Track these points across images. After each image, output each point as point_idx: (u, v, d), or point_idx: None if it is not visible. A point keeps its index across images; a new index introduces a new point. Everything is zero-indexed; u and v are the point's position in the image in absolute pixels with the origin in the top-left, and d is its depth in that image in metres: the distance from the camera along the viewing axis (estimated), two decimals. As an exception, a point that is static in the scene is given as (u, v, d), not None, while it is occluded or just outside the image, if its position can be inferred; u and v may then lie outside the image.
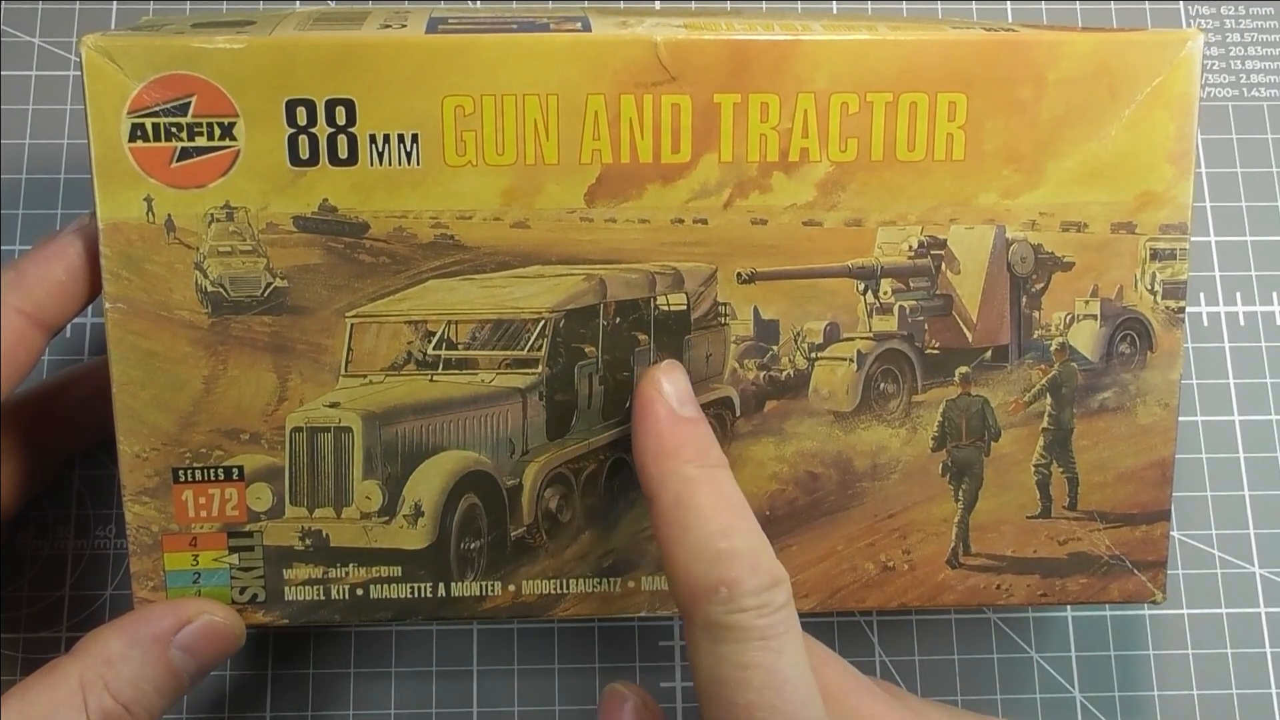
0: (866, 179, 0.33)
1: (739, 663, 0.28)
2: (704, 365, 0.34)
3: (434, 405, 0.33)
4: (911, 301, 0.34)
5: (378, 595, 0.34)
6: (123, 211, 0.32)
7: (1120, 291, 0.34)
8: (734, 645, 0.29)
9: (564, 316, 0.33)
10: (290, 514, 0.33)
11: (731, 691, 0.28)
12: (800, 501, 0.35)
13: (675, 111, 0.32)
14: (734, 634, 0.29)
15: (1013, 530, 0.35)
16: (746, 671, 0.28)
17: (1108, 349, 0.34)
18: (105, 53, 0.31)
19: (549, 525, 0.34)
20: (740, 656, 0.28)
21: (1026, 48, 0.33)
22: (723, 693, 0.29)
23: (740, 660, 0.28)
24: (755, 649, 0.28)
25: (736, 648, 0.29)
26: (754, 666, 0.28)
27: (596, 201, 0.33)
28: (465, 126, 0.32)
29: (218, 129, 0.31)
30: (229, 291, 0.32)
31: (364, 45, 0.31)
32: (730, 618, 0.29)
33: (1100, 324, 0.34)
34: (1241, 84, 0.45)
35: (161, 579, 0.33)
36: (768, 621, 0.29)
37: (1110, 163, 0.33)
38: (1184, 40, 0.33)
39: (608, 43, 0.32)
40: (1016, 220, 0.34)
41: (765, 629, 0.29)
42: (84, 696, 0.30)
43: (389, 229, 0.32)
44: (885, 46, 0.33)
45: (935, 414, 0.35)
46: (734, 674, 0.28)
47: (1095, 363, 0.35)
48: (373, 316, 0.33)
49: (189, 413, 0.33)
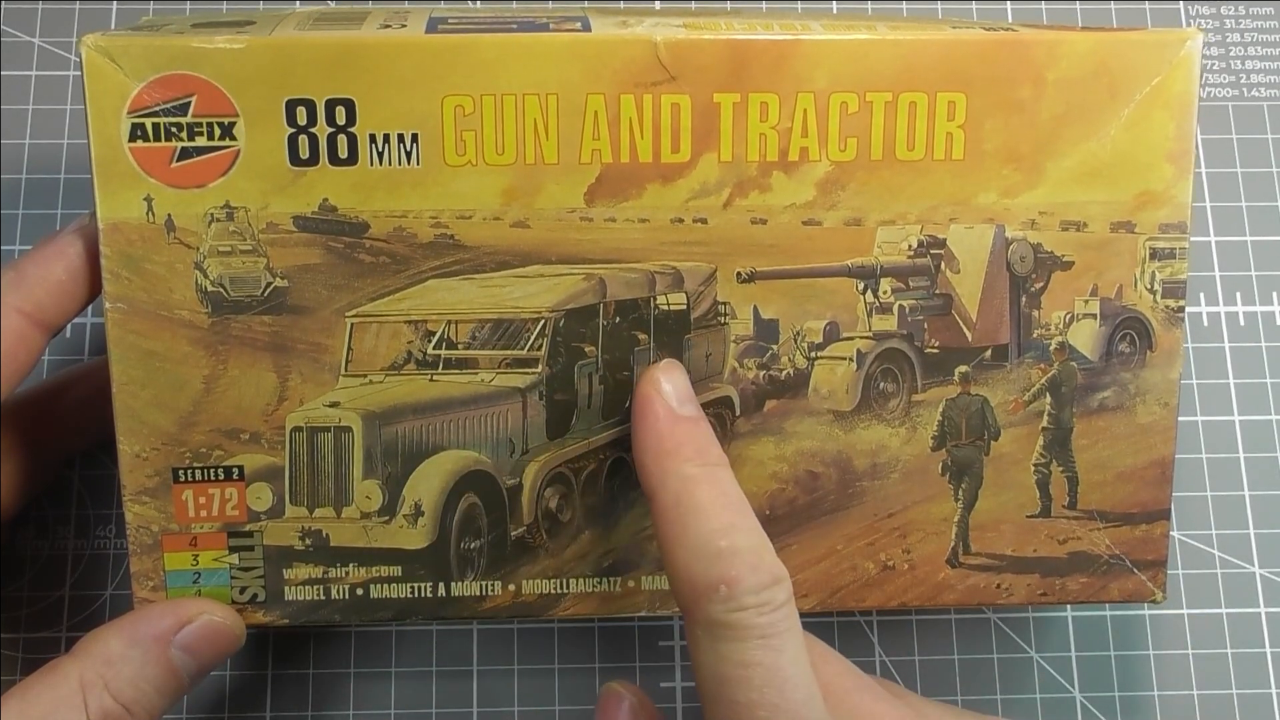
0: (866, 178, 0.33)
1: (740, 661, 0.29)
2: (704, 365, 0.34)
3: (434, 405, 0.33)
4: (911, 301, 0.34)
5: (378, 595, 0.34)
6: (123, 211, 0.32)
7: (1120, 291, 0.34)
8: (735, 644, 0.29)
9: (564, 316, 0.33)
10: (290, 514, 0.33)
11: (733, 690, 0.29)
12: (800, 501, 0.35)
13: (675, 111, 0.32)
14: (735, 632, 0.29)
15: (1012, 529, 0.35)
16: (747, 670, 0.28)
17: (1107, 348, 0.35)
18: (105, 52, 0.31)
19: (549, 525, 0.34)
20: (741, 655, 0.29)
21: (1026, 47, 0.33)
22: (724, 691, 0.29)
23: (741, 658, 0.29)
24: (756, 647, 0.29)
25: (737, 646, 0.29)
26: (755, 665, 0.28)
27: (596, 201, 0.33)
28: (465, 126, 0.32)
29: (218, 129, 0.31)
30: (229, 291, 0.32)
31: (364, 45, 0.31)
32: (731, 616, 0.29)
33: (1100, 323, 0.34)
34: (1241, 84, 0.45)
35: (161, 579, 0.33)
36: (768, 619, 0.29)
37: (1110, 162, 0.33)
38: (1183, 40, 0.33)
39: (607, 42, 0.32)
40: (1016, 220, 0.34)
41: (765, 627, 0.29)
42: (84, 696, 0.30)
43: (389, 229, 0.32)
44: (885, 46, 0.33)
45: (935, 413, 0.35)
46: (735, 672, 0.29)
47: (1095, 362, 0.35)
48: (373, 316, 0.33)
49: (189, 412, 0.33)
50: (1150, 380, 0.35)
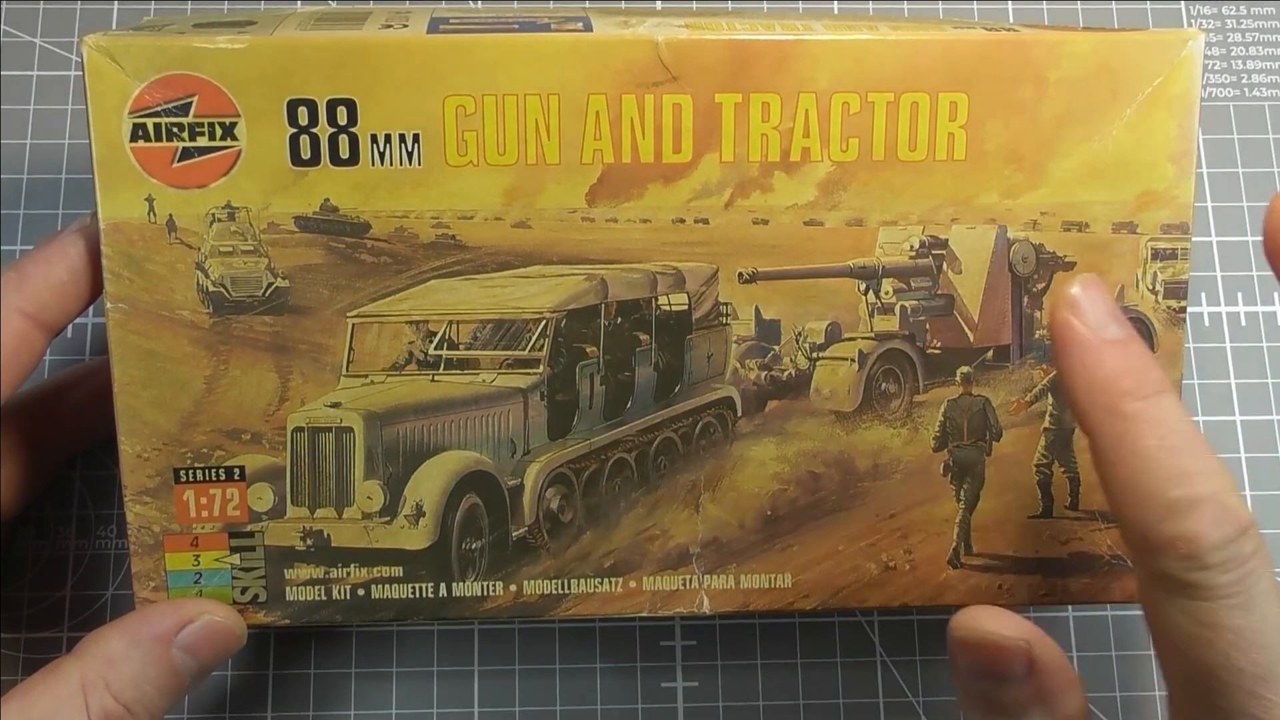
0: (868, 179, 0.33)
1: (1203, 621, 0.26)
2: (705, 365, 0.34)
3: (435, 405, 0.33)
4: (913, 301, 0.34)
5: (379, 595, 0.34)
6: (124, 211, 0.32)
7: (1121, 291, 0.34)
8: (1196, 603, 0.26)
9: (565, 316, 0.33)
10: (291, 514, 0.33)
11: (1194, 649, 0.26)
12: (802, 501, 0.35)
13: (676, 111, 0.32)
14: (1195, 592, 0.26)
15: (1014, 530, 0.35)
16: (1211, 632, 0.26)
17: (1109, 349, 0.34)
18: (107, 52, 0.31)
19: (550, 525, 0.34)
20: (1204, 615, 0.26)
21: (1027, 47, 0.33)
22: (1184, 650, 0.26)
23: (1203, 619, 0.26)
24: (1221, 608, 0.26)
25: (1199, 605, 0.26)
26: (1220, 627, 0.26)
27: (598, 201, 0.33)
28: (466, 126, 0.32)
29: (219, 129, 0.31)
30: (230, 291, 0.32)
31: (365, 45, 0.31)
32: (1192, 575, 0.26)
33: (1101, 324, 0.34)
34: (1243, 84, 0.45)
35: (163, 579, 0.33)
36: (1234, 576, 0.26)
37: (1111, 162, 0.33)
38: (1184, 40, 0.33)
39: (609, 43, 0.32)
40: (1018, 220, 0.34)
41: (1231, 585, 0.26)
42: (85, 697, 0.30)
43: (390, 229, 0.32)
44: (886, 46, 0.33)
45: (937, 414, 0.35)
46: (1197, 632, 0.26)
47: (1096, 362, 0.34)
48: (374, 316, 0.33)
49: (190, 413, 0.33)
50: (1152, 381, 0.35)
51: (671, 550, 0.34)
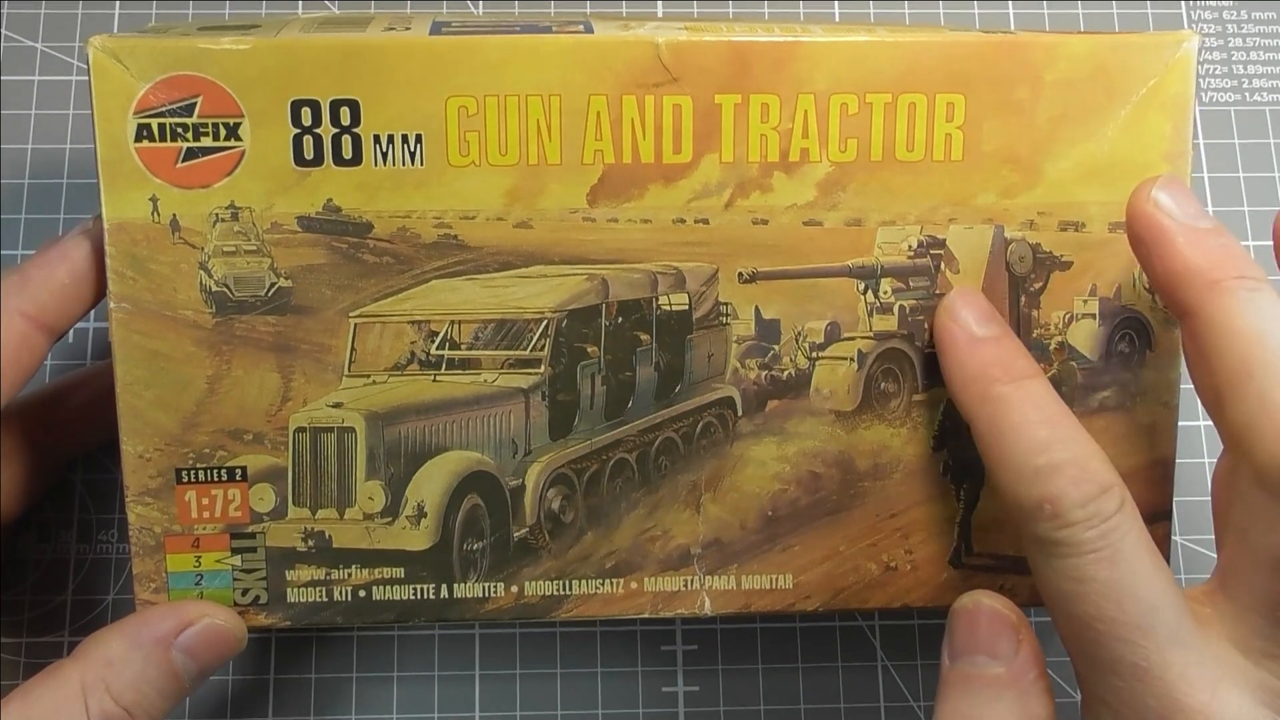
0: (866, 179, 0.33)
1: (1074, 576, 0.28)
2: (705, 365, 0.34)
3: (437, 405, 0.33)
4: (911, 301, 0.34)
5: (380, 597, 0.34)
6: (128, 211, 0.32)
7: (1119, 291, 0.34)
8: (1067, 560, 0.28)
9: (566, 316, 0.34)
10: (293, 515, 0.33)
11: (1070, 604, 0.28)
12: (802, 501, 0.35)
13: (676, 112, 0.33)
14: (1064, 549, 0.28)
15: (1015, 529, 0.35)
16: (1082, 585, 0.28)
17: (1107, 348, 0.35)
18: (112, 53, 0.31)
19: (551, 526, 0.34)
20: (1074, 570, 0.28)
21: (1024, 49, 0.33)
22: (1063, 605, 0.29)
23: (1075, 574, 0.28)
24: (1089, 562, 0.28)
25: (1070, 562, 0.28)
26: (1089, 580, 0.28)
27: (599, 201, 0.33)
28: (469, 127, 0.32)
29: (223, 129, 0.32)
30: (233, 291, 0.32)
31: (369, 46, 0.32)
32: (1059, 534, 0.28)
33: (1099, 323, 0.35)
34: (1243, 88, 0.45)
35: (164, 580, 0.33)
36: (1098, 532, 0.28)
37: (1107, 163, 0.34)
38: (1179, 41, 0.33)
39: (610, 44, 0.32)
40: (1015, 220, 0.34)
41: (1096, 540, 0.28)
42: (85, 699, 0.30)
43: (393, 229, 0.33)
44: (884, 48, 0.33)
45: (936, 413, 0.35)
46: (1071, 587, 0.28)
47: (1094, 362, 0.35)
48: (376, 316, 0.33)
49: (192, 413, 0.33)
50: (1150, 380, 0.35)
51: (673, 551, 0.34)
